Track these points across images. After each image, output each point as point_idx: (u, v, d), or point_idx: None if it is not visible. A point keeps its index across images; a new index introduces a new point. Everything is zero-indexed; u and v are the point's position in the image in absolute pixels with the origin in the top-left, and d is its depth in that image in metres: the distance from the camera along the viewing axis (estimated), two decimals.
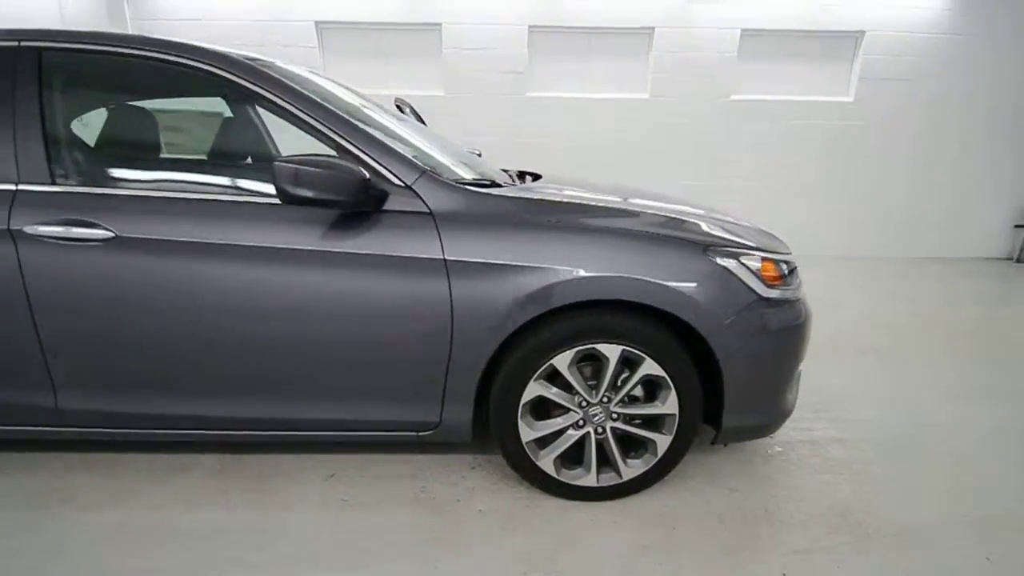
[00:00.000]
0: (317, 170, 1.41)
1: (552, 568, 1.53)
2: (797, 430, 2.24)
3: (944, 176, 5.45)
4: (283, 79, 1.60)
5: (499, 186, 1.83)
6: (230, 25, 4.96)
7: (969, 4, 4.91)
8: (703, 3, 4.93)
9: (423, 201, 1.58)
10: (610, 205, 1.79)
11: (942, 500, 1.85)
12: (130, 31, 4.96)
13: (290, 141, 1.69)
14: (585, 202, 1.75)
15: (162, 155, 1.96)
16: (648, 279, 1.55)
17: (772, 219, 2.83)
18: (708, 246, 1.63)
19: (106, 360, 1.60)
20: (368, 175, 1.48)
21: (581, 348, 1.61)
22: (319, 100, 1.60)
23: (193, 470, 1.93)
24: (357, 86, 3.50)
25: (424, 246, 1.54)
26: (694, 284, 1.58)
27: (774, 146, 5.30)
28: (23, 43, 1.58)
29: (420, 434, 1.73)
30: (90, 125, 1.73)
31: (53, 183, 1.53)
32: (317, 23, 5.01)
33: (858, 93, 5.20)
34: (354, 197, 1.46)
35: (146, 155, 1.88)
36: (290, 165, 1.39)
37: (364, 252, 1.53)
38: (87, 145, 1.72)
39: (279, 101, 1.57)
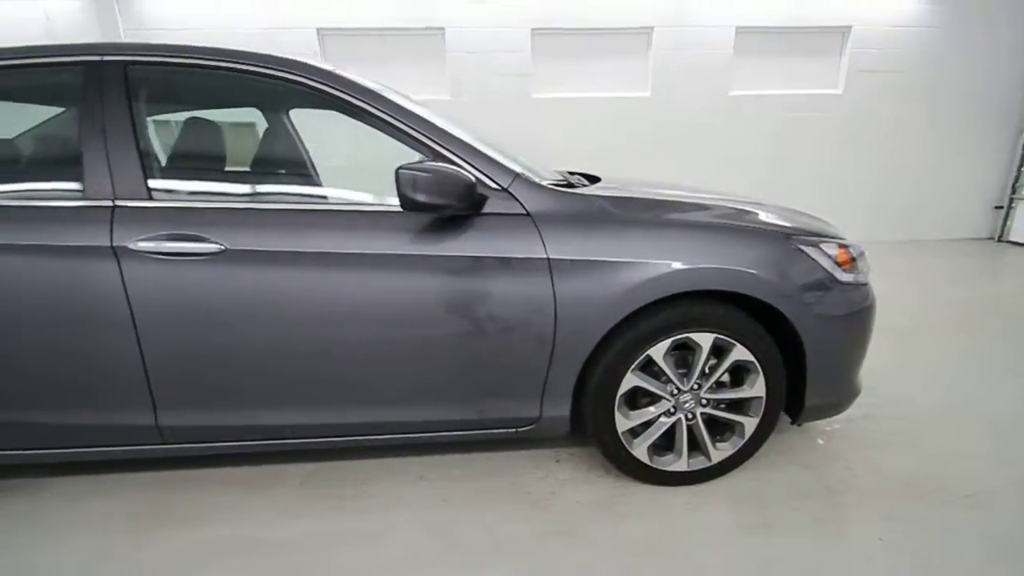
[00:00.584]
0: (433, 176, 1.44)
1: (666, 551, 1.59)
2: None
3: (926, 162, 5.73)
4: (371, 88, 1.62)
5: (573, 187, 1.88)
6: (229, 33, 4.88)
7: None
8: (699, 2, 5.07)
9: (520, 203, 1.62)
10: (687, 200, 1.86)
11: (998, 466, 1.98)
12: (122, 39, 4.83)
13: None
14: (665, 198, 1.82)
15: (255, 167, 1.95)
16: (741, 269, 1.62)
17: None
18: (790, 235, 1.72)
19: (211, 374, 1.59)
20: (474, 180, 1.52)
21: (676, 338, 1.68)
22: (413, 109, 1.63)
23: (282, 480, 1.92)
24: None
25: (527, 246, 1.58)
26: (782, 272, 1.66)
27: (771, 138, 5.49)
28: (106, 57, 1.56)
29: (519, 430, 1.77)
30: (180, 138, 1.71)
31: (150, 198, 1.52)
32: (319, 30, 4.97)
33: (847, 85, 5.43)
34: (464, 201, 1.50)
35: (240, 167, 1.87)
36: (411, 172, 1.42)
37: (468, 255, 1.57)
38: (181, 158, 1.70)
39: (373, 110, 1.59)
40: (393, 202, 1.52)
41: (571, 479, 1.92)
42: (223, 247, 1.49)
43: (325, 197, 1.78)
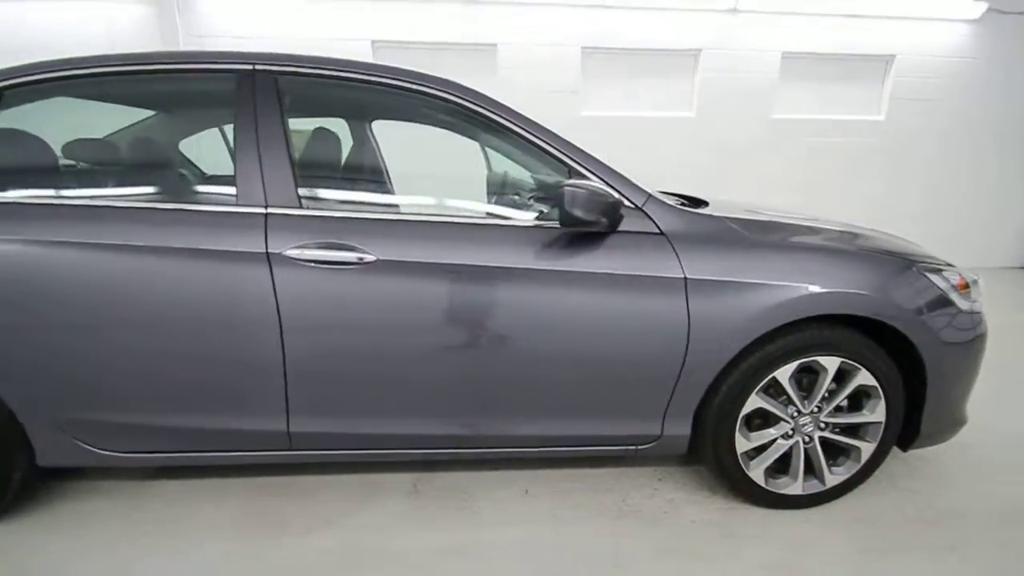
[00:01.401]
0: (588, 193, 1.46)
1: (794, 574, 1.58)
2: None
3: (961, 191, 5.78)
4: (514, 108, 1.66)
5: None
6: (284, 43, 4.95)
7: (988, 30, 5.27)
8: (747, 27, 5.16)
9: (654, 222, 1.64)
10: (807, 223, 1.88)
11: None
12: (182, 47, 4.90)
13: None
14: (788, 221, 1.85)
15: (400, 179, 1.98)
16: (875, 294, 1.64)
17: None
18: (915, 262, 1.74)
19: (349, 382, 1.60)
20: (620, 199, 1.54)
21: (803, 361, 1.69)
22: (551, 130, 1.66)
23: (389, 490, 1.92)
24: None
25: (663, 265, 1.60)
26: (911, 298, 1.68)
27: (810, 162, 5.54)
28: (258, 66, 1.59)
29: (639, 448, 1.78)
30: (314, 147, 1.74)
31: (300, 206, 1.54)
32: (373, 42, 5.04)
33: (889, 112, 5.50)
34: (611, 218, 1.52)
35: (385, 178, 1.90)
36: (572, 189, 1.45)
37: (606, 271, 1.59)
38: (329, 168, 1.73)
39: (518, 129, 1.62)
40: (529, 218, 1.55)
41: (679, 498, 1.92)
42: (374, 257, 1.51)
43: (465, 210, 1.80)
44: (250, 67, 1.59)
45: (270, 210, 1.52)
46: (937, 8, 5.09)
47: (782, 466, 1.84)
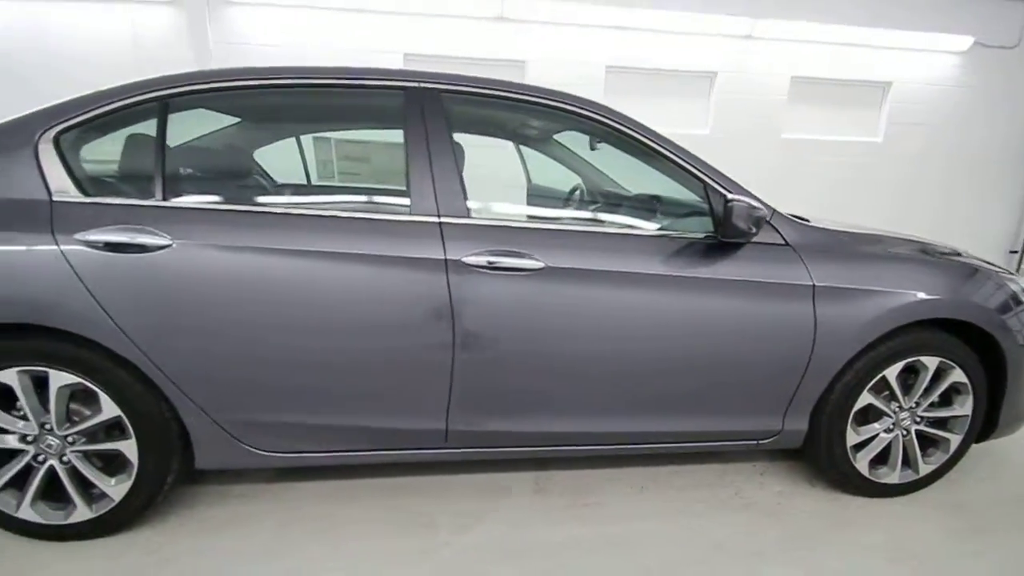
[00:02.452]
0: (748, 208, 1.61)
1: (919, 556, 1.75)
2: None
3: (950, 209, 6.23)
4: (657, 131, 1.81)
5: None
6: (317, 53, 4.99)
7: (976, 61, 5.74)
8: (760, 52, 5.48)
9: (780, 234, 1.81)
10: (903, 236, 2.08)
11: None
12: (212, 54, 4.89)
13: None
14: (888, 234, 2.04)
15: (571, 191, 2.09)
16: (972, 300, 1.84)
17: None
18: (996, 271, 1.95)
19: (510, 382, 1.69)
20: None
21: (909, 360, 1.87)
22: (688, 150, 1.81)
23: (514, 488, 2.00)
24: None
25: (794, 273, 1.76)
26: (998, 303, 1.88)
27: (816, 180, 5.88)
28: (424, 84, 1.69)
29: (760, 442, 1.92)
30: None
31: (468, 216, 1.64)
32: (406, 55, 5.13)
33: (886, 135, 5.91)
34: (756, 230, 1.67)
35: (539, 192, 2.00)
36: (737, 203, 1.59)
37: (744, 279, 1.73)
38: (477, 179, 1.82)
39: (662, 149, 1.78)
40: (675, 228, 1.69)
41: (786, 491, 2.07)
42: (544, 264, 1.61)
43: (620, 223, 1.93)
44: (416, 84, 1.68)
45: (443, 219, 1.61)
46: (929, 40, 5.52)
47: (880, 457, 2.01)
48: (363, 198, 1.70)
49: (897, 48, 5.60)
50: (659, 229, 1.81)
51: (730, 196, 1.65)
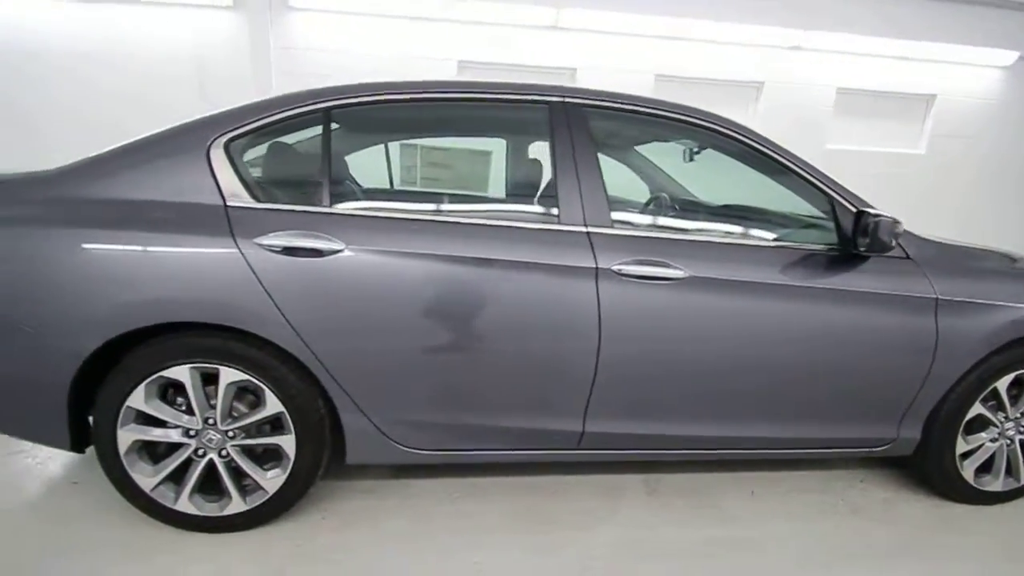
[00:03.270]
0: (891, 222, 1.68)
1: (1019, 555, 1.81)
2: None
3: (987, 224, 6.26)
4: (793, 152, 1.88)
5: None
6: (374, 57, 5.09)
7: (1020, 75, 5.80)
8: (807, 63, 5.55)
9: (903, 248, 1.87)
10: (991, 249, 2.15)
11: None
12: (272, 60, 4.99)
13: None
14: (991, 248, 2.10)
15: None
16: None
17: None
18: None
19: (648, 386, 1.76)
20: None
21: (1020, 373, 1.93)
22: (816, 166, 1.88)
23: (628, 490, 2.07)
24: None
25: (919, 286, 1.82)
26: None
27: (859, 190, 5.93)
28: (567, 99, 1.76)
29: (873, 450, 1.98)
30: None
31: (612, 226, 1.71)
32: (459, 62, 5.22)
33: (928, 147, 5.96)
34: (896, 244, 1.74)
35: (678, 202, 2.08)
36: (882, 219, 1.66)
37: (871, 291, 1.80)
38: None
39: (792, 165, 1.85)
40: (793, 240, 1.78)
41: (890, 497, 2.12)
42: (687, 274, 1.68)
43: (749, 234, 2.00)
44: (559, 99, 1.76)
45: (590, 229, 1.68)
46: (974, 55, 5.58)
47: (985, 466, 2.06)
48: (512, 207, 1.77)
49: (941, 61, 5.66)
50: (775, 240, 1.87)
51: (872, 211, 1.71)
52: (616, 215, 1.77)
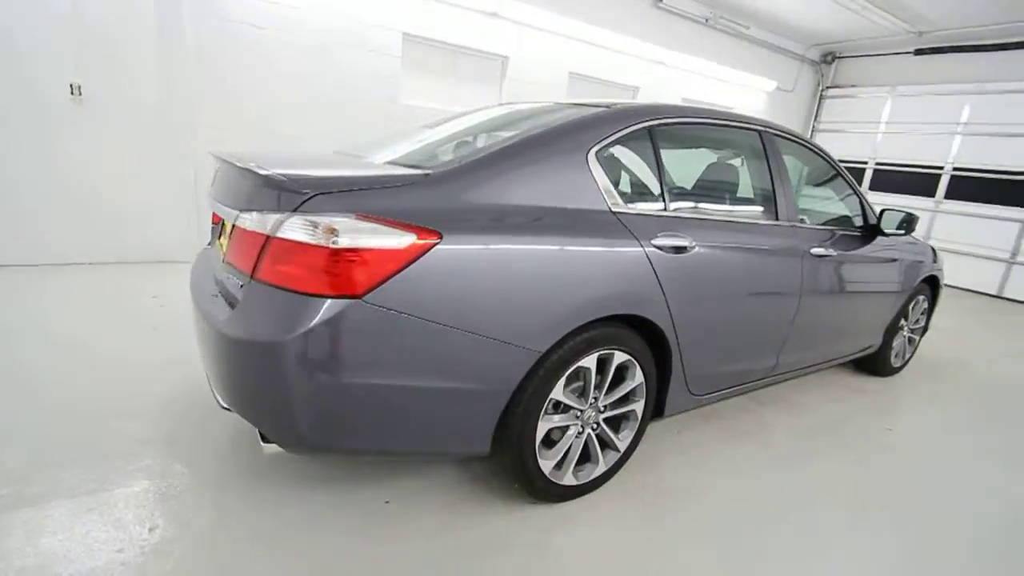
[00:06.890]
0: (917, 217, 2.85)
1: None
2: None
3: None
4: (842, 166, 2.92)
5: None
6: (319, 11, 4.57)
7: (775, 98, 8.41)
8: (540, 48, 7.02)
9: (883, 233, 3.12)
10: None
11: None
12: (187, 29, 4.05)
13: None
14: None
15: None
16: None
17: None
18: None
19: (815, 329, 2.65)
20: None
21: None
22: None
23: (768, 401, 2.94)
24: (431, 99, 4.94)
25: (919, 254, 3.15)
26: None
27: None
28: (763, 129, 2.45)
29: (859, 354, 3.27)
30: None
31: (802, 222, 2.50)
32: (404, 34, 5.04)
33: None
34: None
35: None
36: (909, 215, 2.80)
37: (887, 256, 3.01)
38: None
39: (842, 172, 2.89)
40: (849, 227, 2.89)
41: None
42: (835, 252, 2.58)
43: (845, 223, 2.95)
44: (762, 128, 2.43)
45: (793, 224, 2.43)
46: (750, 81, 7.89)
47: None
48: (755, 208, 2.41)
49: (729, 82, 7.79)
50: (853, 228, 2.93)
51: (894, 209, 2.88)
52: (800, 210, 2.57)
